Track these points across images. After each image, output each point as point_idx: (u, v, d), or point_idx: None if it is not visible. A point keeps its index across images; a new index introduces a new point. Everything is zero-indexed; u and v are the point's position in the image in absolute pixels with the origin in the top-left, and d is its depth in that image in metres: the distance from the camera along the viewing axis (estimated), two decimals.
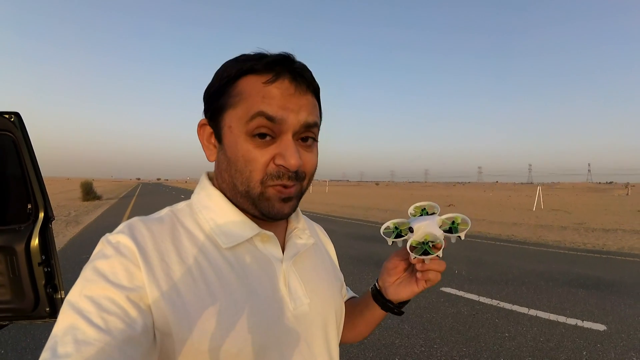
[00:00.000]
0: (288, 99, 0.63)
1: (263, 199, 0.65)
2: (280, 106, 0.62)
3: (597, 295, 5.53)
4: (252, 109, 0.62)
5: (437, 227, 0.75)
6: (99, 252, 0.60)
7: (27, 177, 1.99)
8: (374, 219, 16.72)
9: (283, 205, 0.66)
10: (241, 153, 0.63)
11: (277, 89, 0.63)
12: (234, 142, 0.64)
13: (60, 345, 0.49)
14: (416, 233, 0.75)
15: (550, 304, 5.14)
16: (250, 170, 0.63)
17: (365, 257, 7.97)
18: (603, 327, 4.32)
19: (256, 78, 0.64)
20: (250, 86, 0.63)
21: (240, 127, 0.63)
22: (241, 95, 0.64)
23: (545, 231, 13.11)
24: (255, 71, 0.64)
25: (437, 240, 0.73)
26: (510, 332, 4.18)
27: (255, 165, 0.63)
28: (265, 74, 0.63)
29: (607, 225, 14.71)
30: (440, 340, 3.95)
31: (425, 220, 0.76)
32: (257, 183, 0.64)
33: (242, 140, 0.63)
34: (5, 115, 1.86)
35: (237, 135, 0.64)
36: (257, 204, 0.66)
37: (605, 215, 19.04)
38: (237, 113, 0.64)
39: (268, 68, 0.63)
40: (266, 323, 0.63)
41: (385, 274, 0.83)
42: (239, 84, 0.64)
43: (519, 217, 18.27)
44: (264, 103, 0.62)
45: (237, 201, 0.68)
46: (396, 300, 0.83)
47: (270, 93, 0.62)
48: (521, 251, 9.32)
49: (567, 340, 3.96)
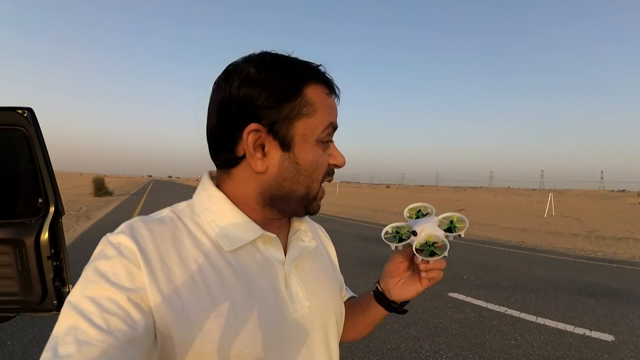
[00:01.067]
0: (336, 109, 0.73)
1: (317, 197, 0.73)
2: (336, 116, 0.72)
3: (606, 305, 5.46)
4: (326, 120, 0.69)
5: (438, 228, 0.77)
6: (100, 253, 0.60)
7: (38, 172, 2.01)
8: (383, 221, 16.69)
9: (320, 204, 0.75)
10: (315, 158, 0.69)
11: (332, 100, 0.72)
12: (309, 150, 0.68)
13: (61, 346, 0.49)
14: (420, 235, 0.76)
15: (558, 312, 5.09)
16: (319, 173, 0.70)
17: (372, 259, 7.96)
18: (611, 338, 4.27)
19: (320, 89, 0.69)
20: (320, 97, 0.69)
21: (314, 135, 0.68)
22: (314, 105, 0.67)
23: (556, 238, 13.00)
24: (319, 82, 0.69)
25: (440, 241, 0.75)
26: (517, 339, 4.15)
27: (323, 168, 0.71)
28: (323, 86, 0.70)
29: (619, 233, 14.55)
30: (446, 346, 3.92)
31: (426, 222, 0.77)
32: (319, 183, 0.71)
33: (316, 147, 0.69)
34: (19, 110, 1.88)
35: (311, 142, 0.68)
36: (308, 205, 0.73)
37: (617, 224, 18.83)
38: (313, 122, 0.67)
39: (326, 81, 0.70)
40: (266, 325, 0.63)
41: (387, 276, 0.84)
42: (308, 93, 0.67)
43: (530, 223, 18.14)
44: (332, 115, 0.70)
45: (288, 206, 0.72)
46: (399, 300, 0.84)
47: (332, 105, 0.71)
48: (530, 258, 9.24)
49: (574, 350, 3.92)
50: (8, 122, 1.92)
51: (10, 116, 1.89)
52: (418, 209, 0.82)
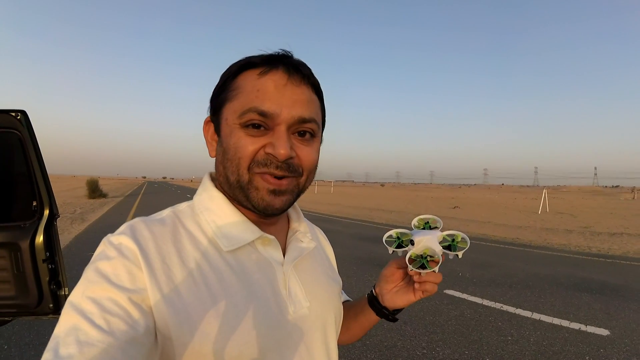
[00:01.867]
0: (281, 91, 0.64)
1: (252, 187, 0.65)
2: (272, 100, 0.63)
3: (601, 300, 5.50)
4: (246, 104, 0.63)
5: (437, 243, 0.76)
6: (101, 253, 0.60)
7: (32, 174, 2.00)
8: (379, 220, 16.71)
9: (274, 198, 0.65)
10: (233, 141, 0.65)
11: (270, 80, 0.64)
12: (229, 133, 0.66)
13: (62, 346, 0.49)
14: (416, 246, 0.76)
15: (554, 307, 5.12)
16: (239, 157, 0.64)
17: (369, 258, 7.97)
18: (607, 332, 4.30)
19: (253, 72, 0.66)
20: (247, 80, 0.66)
21: (234, 119, 0.65)
22: (238, 89, 0.66)
23: (551, 234, 13.06)
24: (252, 65, 0.66)
25: (435, 256, 0.75)
26: (513, 335, 4.17)
27: (243, 151, 0.63)
28: (259, 67, 0.66)
29: (613, 229, 14.63)
30: (442, 343, 3.94)
31: (427, 235, 0.77)
32: (245, 170, 0.64)
33: (236, 131, 0.65)
34: (12, 113, 1.87)
35: (232, 126, 0.65)
36: (247, 195, 0.65)
37: (611, 219, 18.93)
38: (233, 106, 0.65)
39: (264, 62, 0.66)
40: (266, 326, 0.63)
41: (383, 281, 0.85)
42: (238, 79, 0.67)
43: (524, 219, 18.21)
44: (257, 98, 0.63)
45: (234, 195, 0.68)
46: (392, 307, 0.84)
47: (264, 86, 0.64)
48: (526, 254, 9.29)
49: (570, 345, 3.94)
50: (1, 125, 1.91)
51: (3, 119, 1.88)
52: (427, 221, 0.82)
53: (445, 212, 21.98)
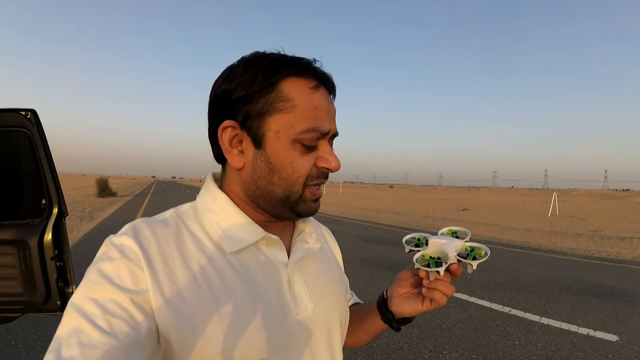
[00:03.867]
0: (329, 108, 0.67)
1: (301, 200, 0.67)
2: (326, 119, 0.66)
3: (610, 305, 5.44)
4: (307, 121, 0.63)
5: (453, 249, 0.72)
6: (104, 255, 0.59)
7: (41, 173, 2.02)
8: (387, 221, 16.66)
9: (316, 205, 0.70)
10: (289, 160, 0.64)
11: (321, 97, 0.66)
12: (281, 149, 0.64)
13: (64, 348, 0.49)
14: (430, 247, 0.74)
15: (562, 312, 5.08)
16: (297, 177, 0.65)
17: (376, 260, 7.92)
18: (615, 338, 4.25)
19: (301, 83, 0.64)
20: (299, 92, 0.63)
21: (291, 134, 0.63)
22: (292, 101, 0.63)
23: (560, 238, 12.96)
24: (299, 74, 0.64)
25: (446, 259, 0.71)
26: (521, 340, 4.14)
27: (302, 172, 0.65)
28: (309, 79, 0.65)
29: (623, 233, 14.50)
30: (449, 346, 3.91)
31: (445, 239, 0.73)
32: (301, 187, 0.66)
33: (291, 148, 0.64)
34: (22, 112, 1.89)
35: (285, 141, 0.63)
36: (294, 207, 0.68)
37: (621, 223, 18.76)
38: (289, 120, 0.63)
39: (310, 73, 0.65)
40: (269, 328, 0.63)
41: (396, 284, 0.82)
42: (285, 87, 0.63)
43: (534, 223, 18.09)
44: (317, 117, 0.64)
45: (272, 207, 0.69)
46: (398, 313, 0.82)
47: (320, 104, 0.65)
48: (534, 258, 9.21)
49: (578, 351, 3.90)
50: (11, 124, 1.92)
51: (13, 117, 1.90)
52: (455, 232, 0.78)
53: (454, 215, 21.88)
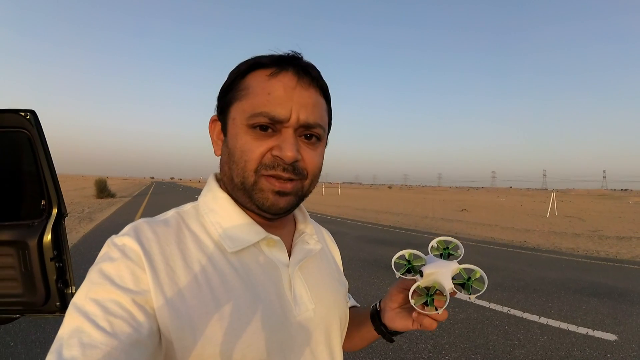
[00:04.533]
0: (290, 94, 0.64)
1: (257, 189, 0.65)
2: (282, 104, 0.63)
3: (609, 305, 5.45)
4: (256, 107, 0.63)
5: (450, 278, 0.69)
6: (105, 255, 0.59)
7: (41, 174, 2.02)
8: (386, 222, 16.65)
9: (278, 199, 0.65)
10: (240, 144, 0.64)
11: (280, 82, 0.64)
12: (235, 134, 0.66)
13: (65, 349, 0.49)
14: (425, 279, 0.69)
15: (561, 312, 5.08)
16: (246, 160, 0.64)
17: (375, 261, 7.93)
18: (614, 337, 4.26)
19: (262, 72, 0.66)
20: (256, 80, 0.65)
21: (242, 119, 0.64)
22: (247, 89, 0.65)
23: (559, 238, 12.96)
24: (262, 65, 0.66)
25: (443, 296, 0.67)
26: (520, 339, 4.14)
27: (250, 155, 0.63)
28: (268, 68, 0.65)
29: (622, 233, 14.51)
30: (449, 346, 3.92)
31: (441, 267, 0.69)
32: (251, 172, 0.64)
33: (243, 132, 0.64)
34: (21, 112, 1.89)
35: (239, 126, 0.65)
36: (252, 196, 0.66)
37: (619, 223, 18.78)
38: (242, 106, 0.65)
39: (274, 63, 0.65)
40: (270, 328, 0.63)
41: (388, 298, 0.80)
42: (247, 78, 0.66)
43: (533, 223, 18.09)
44: (268, 102, 0.63)
45: (237, 196, 0.69)
46: (390, 327, 0.80)
47: (274, 88, 0.63)
48: (533, 258, 9.21)
49: (577, 350, 3.91)
50: (11, 125, 1.92)
51: (13, 118, 1.90)
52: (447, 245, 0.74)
53: (453, 215, 21.88)
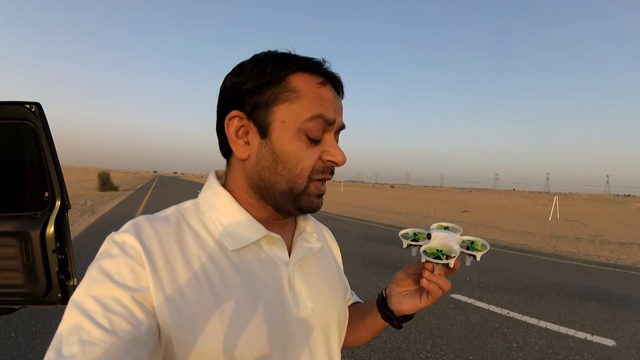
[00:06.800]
0: (336, 102, 0.68)
1: (305, 194, 0.68)
2: (332, 110, 0.67)
3: (608, 310, 5.45)
4: (312, 109, 0.64)
5: (455, 242, 0.73)
6: (105, 252, 0.60)
7: (45, 166, 2.03)
8: (387, 221, 16.64)
9: (319, 200, 0.70)
10: (294, 151, 0.65)
11: (329, 92, 0.67)
12: (287, 139, 0.65)
13: (65, 346, 0.49)
14: (433, 240, 0.74)
15: (560, 316, 5.08)
16: (302, 169, 0.65)
17: (376, 259, 7.92)
18: (612, 343, 4.25)
19: (310, 78, 0.66)
20: (307, 85, 0.65)
21: (296, 123, 0.64)
22: (298, 92, 0.65)
23: (560, 242, 12.94)
24: (308, 70, 0.66)
25: (451, 253, 0.71)
26: (519, 342, 4.14)
27: (307, 163, 0.66)
28: (317, 76, 0.67)
29: (623, 238, 14.48)
30: (447, 347, 3.92)
31: (445, 233, 0.74)
32: (305, 179, 0.66)
33: (296, 138, 0.65)
34: (27, 105, 1.90)
35: (291, 131, 0.64)
36: (297, 200, 0.68)
37: (621, 228, 18.74)
38: (294, 109, 0.64)
39: (319, 71, 0.67)
40: (269, 326, 0.63)
41: (394, 283, 0.83)
42: (294, 80, 0.65)
43: (534, 226, 18.06)
44: (323, 106, 0.65)
45: (273, 199, 0.69)
46: (397, 311, 0.82)
47: (326, 96, 0.66)
48: (534, 261, 9.20)
49: (575, 354, 3.91)
50: (16, 117, 1.93)
51: (18, 110, 1.91)
52: (447, 226, 0.79)
53: (454, 216, 21.85)
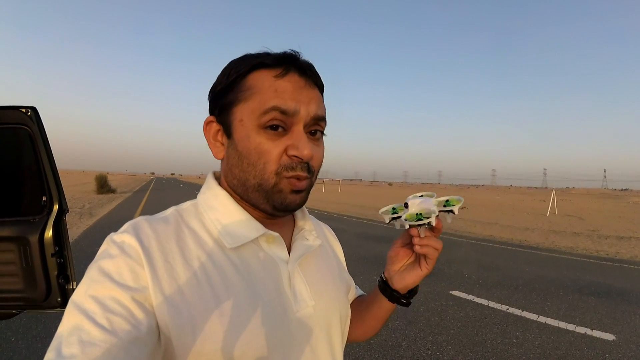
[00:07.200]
0: (299, 91, 0.65)
1: (276, 191, 0.65)
2: (292, 99, 0.64)
3: (607, 304, 5.46)
4: (265, 103, 0.63)
5: (431, 203, 0.74)
6: (104, 252, 0.60)
7: (42, 170, 2.02)
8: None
9: (295, 197, 0.67)
10: (254, 145, 0.64)
11: (288, 82, 0.65)
12: (245, 136, 0.65)
13: (65, 346, 0.49)
14: (411, 208, 0.75)
15: (559, 311, 5.09)
16: (264, 162, 0.64)
17: (375, 257, 7.95)
18: (612, 337, 4.27)
19: (266, 72, 0.65)
20: (262, 80, 0.65)
21: (252, 120, 0.64)
22: (252, 89, 0.65)
23: (558, 237, 12.95)
24: (265, 66, 0.66)
25: (430, 214, 0.73)
26: (518, 338, 4.15)
27: (269, 156, 0.64)
28: (275, 69, 0.65)
29: (621, 232, 14.50)
30: (447, 344, 3.93)
31: (420, 199, 0.76)
32: (272, 174, 0.64)
33: (255, 133, 0.64)
34: (22, 109, 1.89)
35: (249, 128, 0.64)
36: (270, 197, 0.66)
37: (619, 223, 18.77)
38: (249, 106, 0.64)
39: (277, 63, 0.66)
40: (270, 326, 0.63)
41: (389, 263, 0.83)
42: (249, 79, 0.66)
43: (532, 221, 18.08)
44: (277, 97, 0.63)
45: (249, 197, 0.68)
46: (402, 288, 0.81)
47: (282, 87, 0.64)
48: (532, 256, 9.21)
49: (575, 349, 3.92)
50: (12, 121, 1.93)
51: (14, 115, 1.91)
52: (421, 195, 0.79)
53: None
